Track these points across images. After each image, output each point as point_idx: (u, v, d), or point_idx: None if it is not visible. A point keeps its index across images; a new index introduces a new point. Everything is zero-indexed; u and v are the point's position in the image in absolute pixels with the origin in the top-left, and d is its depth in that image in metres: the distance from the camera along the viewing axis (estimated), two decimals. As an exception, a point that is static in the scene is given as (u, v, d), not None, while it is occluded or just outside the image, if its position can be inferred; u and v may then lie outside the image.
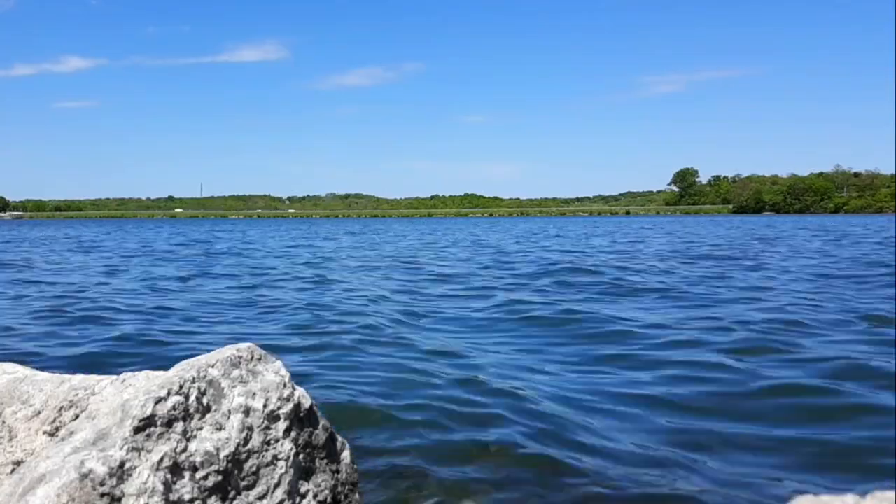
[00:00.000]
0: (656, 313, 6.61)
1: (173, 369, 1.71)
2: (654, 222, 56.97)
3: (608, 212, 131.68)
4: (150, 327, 6.09)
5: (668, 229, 35.72)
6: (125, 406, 1.56)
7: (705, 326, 5.73)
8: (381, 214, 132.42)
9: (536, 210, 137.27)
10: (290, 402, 1.77)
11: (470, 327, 6.10)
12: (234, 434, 1.63)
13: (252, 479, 1.64)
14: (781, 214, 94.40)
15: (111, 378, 1.90)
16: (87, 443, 1.48)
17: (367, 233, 37.08)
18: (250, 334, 5.72)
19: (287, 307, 7.40)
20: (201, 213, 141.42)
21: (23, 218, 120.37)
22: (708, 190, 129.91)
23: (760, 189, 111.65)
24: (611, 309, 6.87)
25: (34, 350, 5.07)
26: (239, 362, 1.76)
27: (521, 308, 7.02)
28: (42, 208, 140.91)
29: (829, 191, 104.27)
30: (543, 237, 27.74)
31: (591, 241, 23.51)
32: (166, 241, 27.04)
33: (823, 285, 8.80)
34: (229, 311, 7.27)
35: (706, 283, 9.24)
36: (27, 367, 2.15)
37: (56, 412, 1.81)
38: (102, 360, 4.74)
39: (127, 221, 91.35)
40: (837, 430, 3.13)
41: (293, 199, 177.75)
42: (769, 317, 6.11)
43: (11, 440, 1.80)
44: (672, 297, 7.83)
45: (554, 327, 5.93)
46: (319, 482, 1.81)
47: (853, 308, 6.64)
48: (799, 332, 5.41)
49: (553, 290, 8.80)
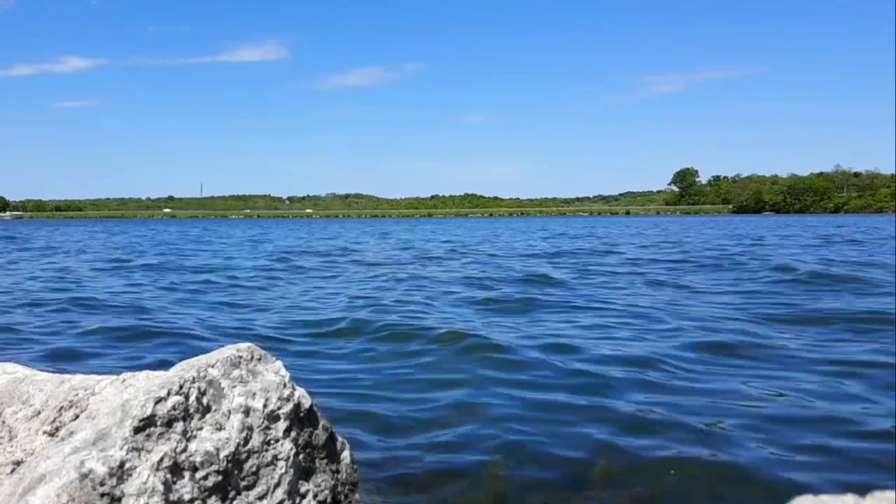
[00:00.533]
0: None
1: (173, 369, 1.71)
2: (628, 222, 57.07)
3: (608, 212, 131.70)
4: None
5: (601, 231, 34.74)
6: (125, 406, 1.56)
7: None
8: (382, 214, 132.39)
9: (536, 210, 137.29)
10: (290, 402, 1.77)
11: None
12: (234, 434, 1.63)
13: (252, 479, 1.64)
14: (781, 214, 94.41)
15: (111, 378, 1.90)
16: (87, 443, 1.48)
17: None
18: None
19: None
20: (201, 213, 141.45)
21: (23, 218, 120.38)
22: (708, 190, 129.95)
23: (760, 189, 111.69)
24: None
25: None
26: (239, 362, 1.76)
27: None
28: (42, 208, 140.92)
29: (829, 191, 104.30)
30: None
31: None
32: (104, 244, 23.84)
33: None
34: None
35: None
36: (27, 367, 2.15)
37: (56, 412, 1.81)
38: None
39: (105, 222, 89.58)
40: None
41: (293, 199, 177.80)
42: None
43: (11, 440, 1.80)
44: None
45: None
46: (319, 482, 1.81)
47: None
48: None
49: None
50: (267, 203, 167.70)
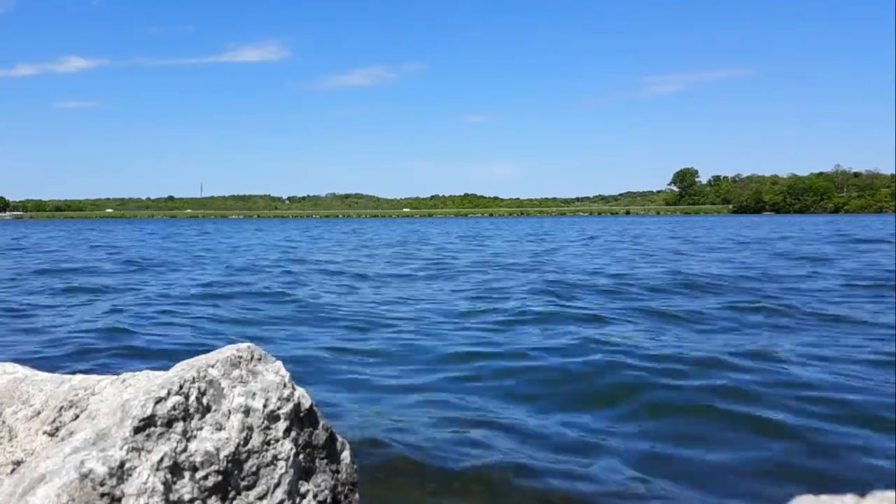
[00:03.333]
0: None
1: (173, 369, 1.71)
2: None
3: (608, 212, 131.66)
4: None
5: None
6: (125, 406, 1.56)
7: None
8: (382, 214, 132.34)
9: (536, 210, 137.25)
10: (290, 402, 1.77)
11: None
12: (234, 434, 1.63)
13: (252, 480, 1.63)
14: (781, 214, 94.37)
15: (111, 378, 1.90)
16: (87, 443, 1.48)
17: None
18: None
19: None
20: (201, 212, 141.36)
21: (23, 218, 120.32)
22: (708, 190, 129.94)
23: (760, 189, 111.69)
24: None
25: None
26: (239, 362, 1.76)
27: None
28: (42, 208, 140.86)
29: (829, 191, 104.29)
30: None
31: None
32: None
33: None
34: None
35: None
36: (27, 368, 2.15)
37: (56, 412, 1.81)
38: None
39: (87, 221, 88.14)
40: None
41: (293, 199, 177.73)
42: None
43: (11, 440, 1.80)
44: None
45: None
46: (319, 482, 1.81)
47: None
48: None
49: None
50: (267, 203, 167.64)
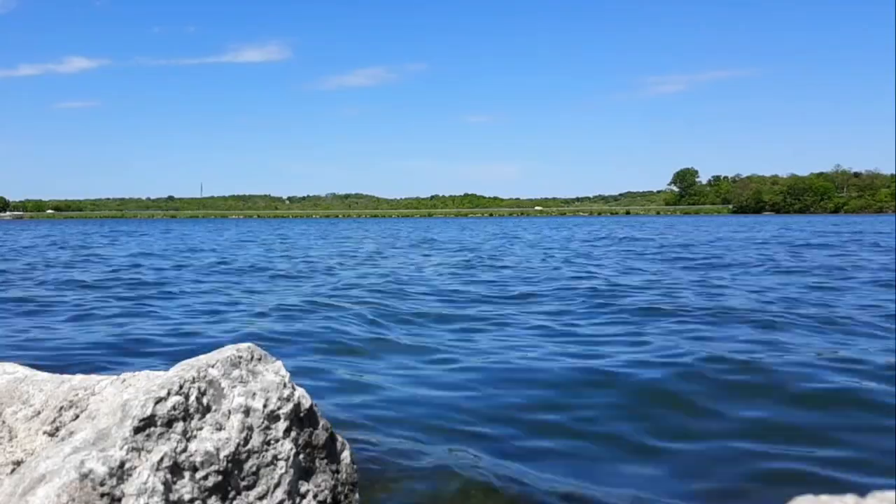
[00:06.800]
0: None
1: (173, 369, 1.71)
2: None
3: (608, 212, 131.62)
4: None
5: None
6: (125, 406, 1.56)
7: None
8: (382, 214, 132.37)
9: (536, 210, 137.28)
10: (290, 402, 1.77)
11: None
12: (234, 434, 1.63)
13: (252, 479, 1.64)
14: (781, 214, 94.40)
15: (111, 378, 1.90)
16: (87, 443, 1.48)
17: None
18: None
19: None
20: (201, 212, 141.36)
21: (23, 218, 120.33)
22: (708, 190, 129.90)
23: (760, 189, 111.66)
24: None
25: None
26: (239, 362, 1.76)
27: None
28: (42, 208, 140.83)
29: (829, 191, 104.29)
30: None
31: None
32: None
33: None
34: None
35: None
36: (27, 368, 2.15)
37: (56, 412, 1.81)
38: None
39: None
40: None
41: (293, 199, 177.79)
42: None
43: (11, 440, 1.80)
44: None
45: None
46: (319, 482, 1.81)
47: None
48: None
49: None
50: (267, 203, 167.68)
